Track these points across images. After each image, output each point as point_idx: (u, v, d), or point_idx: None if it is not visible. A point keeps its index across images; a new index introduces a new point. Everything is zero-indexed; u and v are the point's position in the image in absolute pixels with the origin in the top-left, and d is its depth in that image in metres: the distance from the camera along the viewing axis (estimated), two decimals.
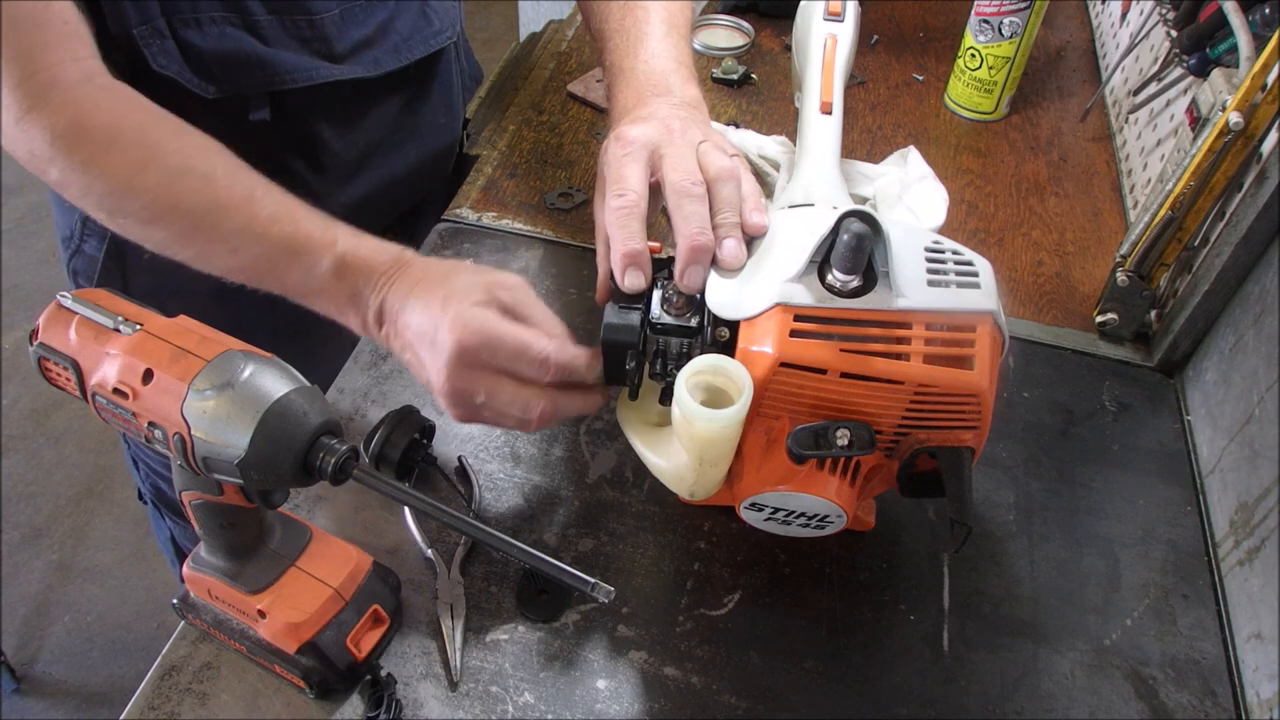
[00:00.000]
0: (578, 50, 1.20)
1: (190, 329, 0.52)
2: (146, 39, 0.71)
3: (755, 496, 0.61)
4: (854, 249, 0.54)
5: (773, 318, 0.56)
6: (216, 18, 0.73)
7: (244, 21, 0.74)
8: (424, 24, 0.85)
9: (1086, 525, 0.75)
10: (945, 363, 0.56)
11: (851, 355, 0.55)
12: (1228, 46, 0.82)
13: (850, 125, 1.13)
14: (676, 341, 0.62)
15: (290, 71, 0.77)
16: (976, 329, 0.56)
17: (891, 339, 0.55)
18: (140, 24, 0.70)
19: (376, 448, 0.70)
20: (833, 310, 0.56)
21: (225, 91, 0.75)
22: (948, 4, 1.31)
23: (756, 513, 0.63)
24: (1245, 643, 0.67)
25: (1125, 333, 0.88)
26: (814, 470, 0.59)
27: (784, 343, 0.55)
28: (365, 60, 0.81)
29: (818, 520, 0.62)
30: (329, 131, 0.82)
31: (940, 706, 0.64)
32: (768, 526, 0.64)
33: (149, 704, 0.62)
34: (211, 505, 0.57)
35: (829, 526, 0.63)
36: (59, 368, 0.53)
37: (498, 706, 0.62)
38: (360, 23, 0.80)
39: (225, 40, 0.73)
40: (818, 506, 0.61)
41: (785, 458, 0.58)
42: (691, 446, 0.57)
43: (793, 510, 0.62)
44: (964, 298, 0.57)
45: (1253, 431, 0.72)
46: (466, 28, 0.97)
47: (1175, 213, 0.79)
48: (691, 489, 0.62)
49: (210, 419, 0.49)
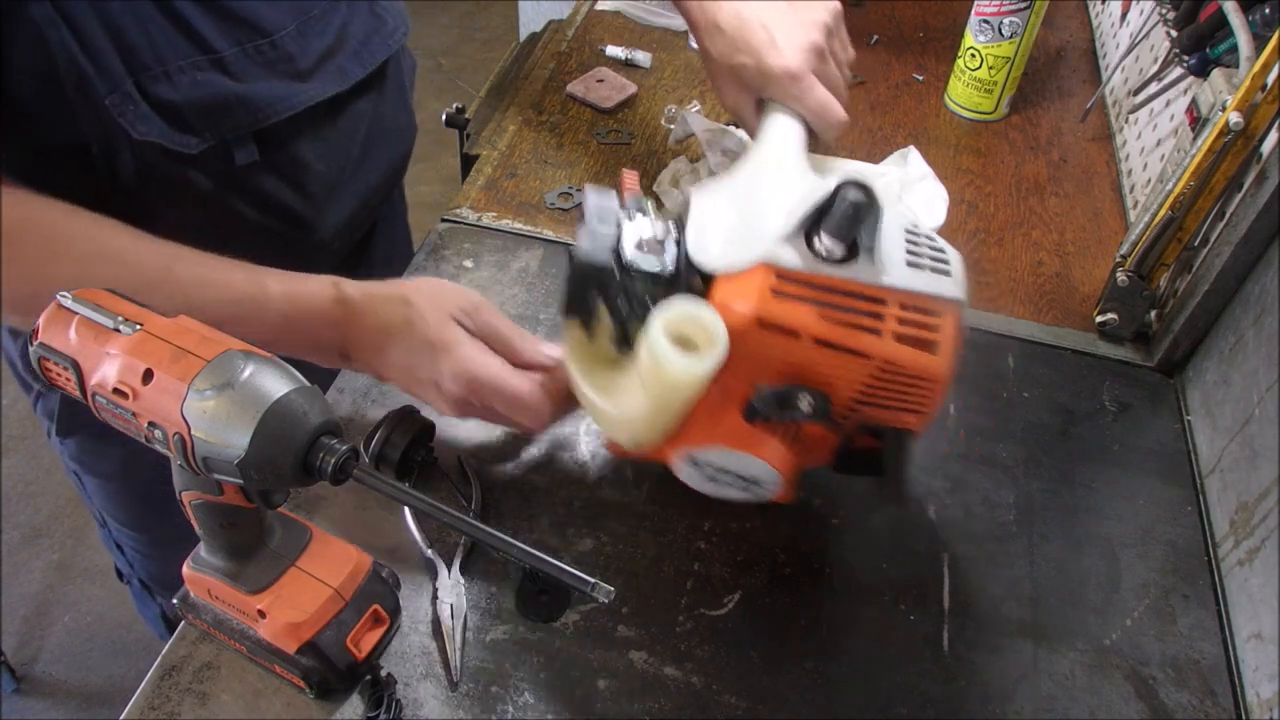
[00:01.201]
0: (578, 50, 1.20)
1: (190, 329, 0.52)
2: (120, 107, 0.67)
3: (697, 451, 0.60)
4: (850, 217, 0.54)
5: (755, 275, 0.55)
6: (184, 65, 0.69)
7: (210, 61, 0.71)
8: (378, 25, 0.84)
9: (1086, 525, 0.75)
10: (913, 344, 0.56)
11: (828, 323, 0.55)
12: (1228, 46, 0.82)
13: (850, 125, 1.12)
14: (643, 285, 0.59)
15: (270, 104, 0.74)
16: (945, 315, 0.57)
17: (867, 312, 0.56)
18: (110, 92, 0.66)
19: (376, 448, 0.70)
20: (817, 276, 0.55)
21: (210, 141, 0.72)
22: (948, 4, 1.31)
23: (692, 467, 0.62)
24: (1245, 643, 0.67)
25: (1125, 333, 0.88)
26: (761, 433, 0.59)
27: (765, 301, 0.54)
28: (331, 72, 0.79)
29: (751, 484, 0.62)
30: (311, 154, 0.80)
31: (940, 706, 0.64)
32: (697, 482, 0.64)
33: (149, 704, 0.62)
34: (211, 505, 0.57)
35: (759, 493, 0.63)
36: (59, 368, 0.53)
37: (498, 706, 0.62)
38: (318, 33, 0.78)
39: (199, 87, 0.70)
40: (757, 470, 0.60)
41: (736, 416, 0.57)
42: (656, 392, 0.56)
43: (730, 470, 0.61)
44: (937, 283, 0.57)
45: (1253, 431, 0.72)
46: (466, 27, 0.97)
47: (1175, 213, 0.79)
48: (638, 437, 0.61)
49: (210, 419, 0.49)
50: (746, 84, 0.76)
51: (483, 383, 0.66)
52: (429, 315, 0.66)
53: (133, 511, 0.99)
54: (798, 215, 0.56)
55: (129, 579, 1.13)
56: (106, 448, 0.92)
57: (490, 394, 0.66)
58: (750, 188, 0.63)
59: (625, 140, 1.06)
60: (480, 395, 0.66)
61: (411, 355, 0.67)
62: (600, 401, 0.62)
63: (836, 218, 0.54)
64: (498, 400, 0.66)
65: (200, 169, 0.73)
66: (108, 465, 0.94)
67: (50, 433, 0.93)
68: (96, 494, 0.98)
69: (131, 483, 0.95)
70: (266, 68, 0.74)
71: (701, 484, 0.65)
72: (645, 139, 1.07)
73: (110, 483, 0.96)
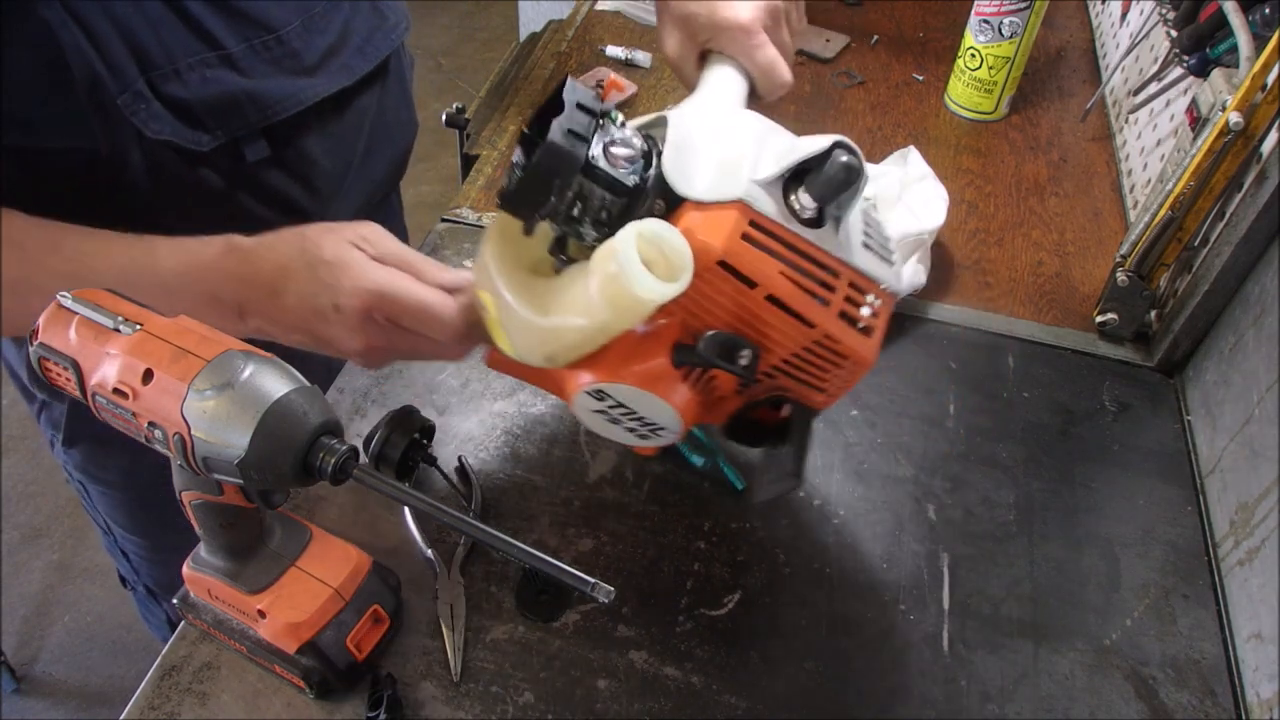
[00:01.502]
0: (578, 50, 1.20)
1: (190, 329, 0.52)
2: (132, 107, 0.67)
3: (609, 386, 0.57)
4: (839, 182, 0.52)
5: (729, 213, 0.53)
6: (194, 63, 0.69)
7: (219, 58, 0.71)
8: (379, 20, 0.84)
9: (1086, 525, 0.75)
10: (851, 323, 0.56)
11: (786, 281, 0.53)
12: (1228, 46, 0.82)
13: (850, 125, 1.13)
14: (603, 194, 0.54)
15: (279, 100, 0.75)
16: (884, 303, 0.57)
17: (822, 282, 0.55)
18: (122, 92, 0.66)
19: (376, 448, 0.70)
20: (788, 233, 0.54)
21: (221, 139, 0.72)
22: (948, 4, 1.31)
23: (595, 400, 0.59)
24: (1245, 643, 0.67)
25: (1125, 333, 0.88)
26: (679, 379, 0.57)
27: (734, 242, 0.52)
28: (336, 68, 0.80)
29: (650, 428, 0.60)
30: (318, 150, 0.81)
31: (940, 706, 0.64)
32: (592, 419, 0.61)
33: (149, 704, 0.62)
34: (211, 505, 0.57)
35: (655, 439, 0.61)
36: (59, 368, 0.53)
37: (498, 706, 0.62)
38: (322, 29, 0.78)
39: (208, 85, 0.70)
40: (662, 415, 0.58)
41: (662, 356, 0.55)
42: (608, 309, 0.52)
43: (633, 411, 0.59)
44: (883, 270, 0.57)
45: (1253, 431, 0.72)
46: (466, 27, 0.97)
47: (1175, 213, 0.79)
48: (556, 355, 0.57)
49: (210, 419, 0.49)
50: (694, 33, 0.74)
51: (385, 294, 0.62)
52: (324, 241, 0.63)
53: (137, 518, 0.99)
54: (784, 163, 0.53)
55: (134, 586, 1.13)
56: (111, 456, 0.91)
57: (394, 307, 0.62)
58: (732, 122, 0.59)
59: None
60: (384, 309, 0.62)
61: (309, 285, 0.62)
62: (520, 307, 0.57)
63: (824, 178, 0.53)
64: (404, 314, 0.62)
65: (211, 167, 0.73)
66: (112, 473, 0.94)
67: (54, 443, 0.92)
68: (101, 502, 0.98)
69: (136, 490, 0.95)
70: (273, 64, 0.74)
71: (594, 420, 0.61)
72: None
73: (115, 490, 0.96)
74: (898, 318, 0.89)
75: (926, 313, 0.91)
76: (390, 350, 0.65)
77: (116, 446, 0.56)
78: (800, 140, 0.55)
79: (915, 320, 0.90)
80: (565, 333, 0.55)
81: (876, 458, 0.78)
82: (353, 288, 0.61)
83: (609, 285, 0.51)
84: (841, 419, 0.81)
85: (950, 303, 0.92)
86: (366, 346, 0.63)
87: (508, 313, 0.58)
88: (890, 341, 0.87)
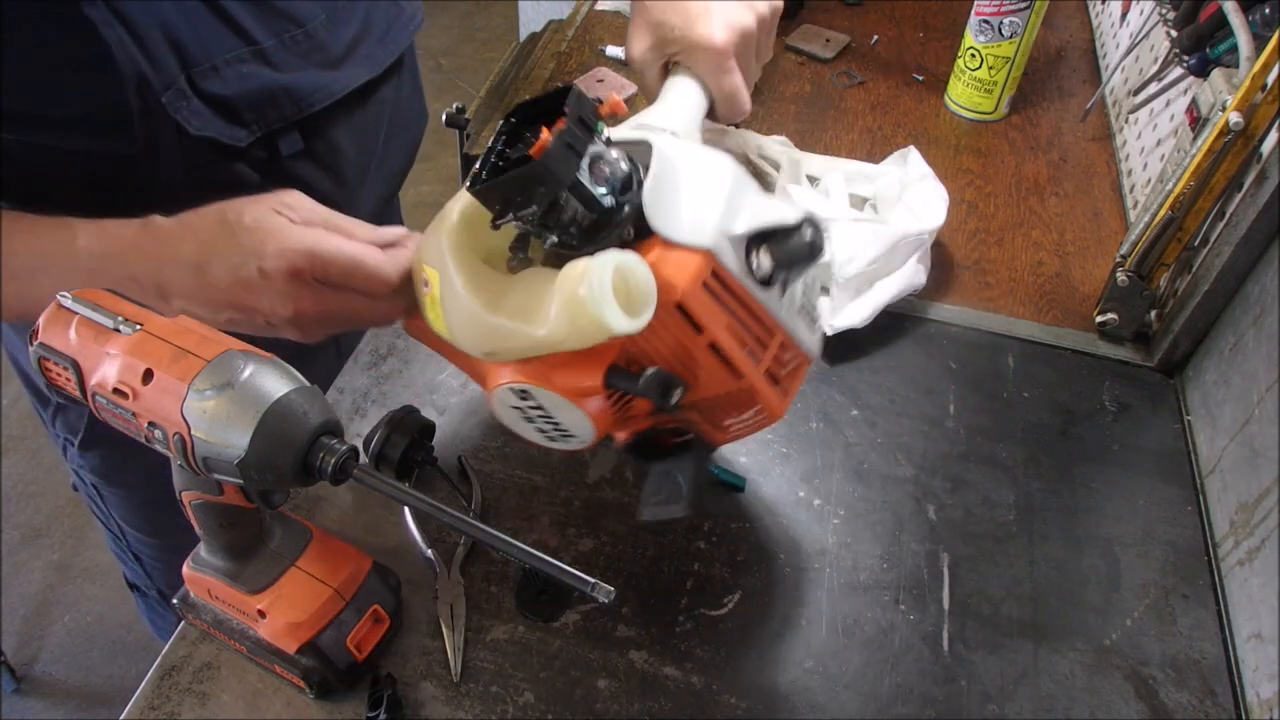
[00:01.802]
0: (578, 50, 1.20)
1: (190, 329, 0.52)
2: (175, 104, 0.68)
3: (534, 389, 0.58)
4: (802, 255, 0.54)
5: (695, 258, 0.54)
6: (230, 58, 0.70)
7: (253, 53, 0.72)
8: (397, 11, 0.86)
9: (1086, 525, 0.75)
10: (774, 380, 0.59)
11: (729, 334, 0.56)
12: (1228, 46, 0.82)
13: (850, 125, 1.13)
14: (578, 207, 0.54)
15: (311, 93, 0.76)
16: (801, 367, 0.61)
17: (759, 339, 0.57)
18: (166, 89, 0.67)
19: (376, 448, 0.70)
20: (742, 290, 0.56)
21: (258, 133, 0.74)
22: (948, 4, 1.31)
23: (516, 398, 0.59)
24: (1245, 643, 0.67)
25: (1125, 333, 0.88)
26: (601, 395, 0.58)
27: (695, 288, 0.54)
28: (360, 59, 0.81)
29: (562, 434, 0.61)
30: (346, 140, 0.82)
31: (940, 706, 0.64)
32: (508, 413, 0.61)
33: (149, 704, 0.62)
34: (211, 505, 0.57)
35: (562, 444, 0.62)
36: (59, 368, 0.53)
37: (498, 706, 0.62)
38: (345, 20, 0.79)
39: (246, 80, 0.71)
40: (579, 425, 0.59)
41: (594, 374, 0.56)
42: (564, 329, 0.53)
43: (550, 416, 0.60)
44: (810, 338, 0.60)
45: (1253, 431, 0.72)
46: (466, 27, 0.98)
47: (1175, 213, 0.79)
48: (498, 352, 0.58)
49: (210, 419, 0.49)
50: (665, 43, 0.74)
51: (313, 252, 0.60)
52: (245, 209, 0.61)
53: (156, 520, 0.99)
54: (754, 223, 0.56)
55: (145, 591, 1.12)
56: (130, 459, 0.90)
57: (323, 264, 0.60)
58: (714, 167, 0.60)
59: None
60: (313, 268, 0.60)
61: (232, 254, 0.60)
62: (469, 297, 0.57)
63: (788, 249, 0.55)
64: (333, 270, 0.60)
65: (247, 161, 0.74)
66: (131, 475, 0.93)
67: (66, 447, 0.92)
68: (117, 506, 0.98)
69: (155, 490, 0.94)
70: (303, 57, 0.75)
71: (509, 414, 0.61)
72: None
73: (133, 492, 0.96)
74: (898, 318, 0.89)
75: (926, 313, 0.91)
76: (323, 314, 0.62)
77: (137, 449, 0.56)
78: (772, 202, 0.57)
79: (915, 320, 0.90)
80: (514, 336, 0.56)
81: (876, 458, 0.78)
82: (278, 249, 0.60)
83: (574, 306, 0.52)
84: (842, 419, 0.81)
85: (950, 303, 0.92)
86: (296, 312, 0.61)
87: (453, 298, 0.58)
88: (890, 341, 0.87)
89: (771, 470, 0.77)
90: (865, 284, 0.85)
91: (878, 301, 0.84)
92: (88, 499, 1.00)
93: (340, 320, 0.64)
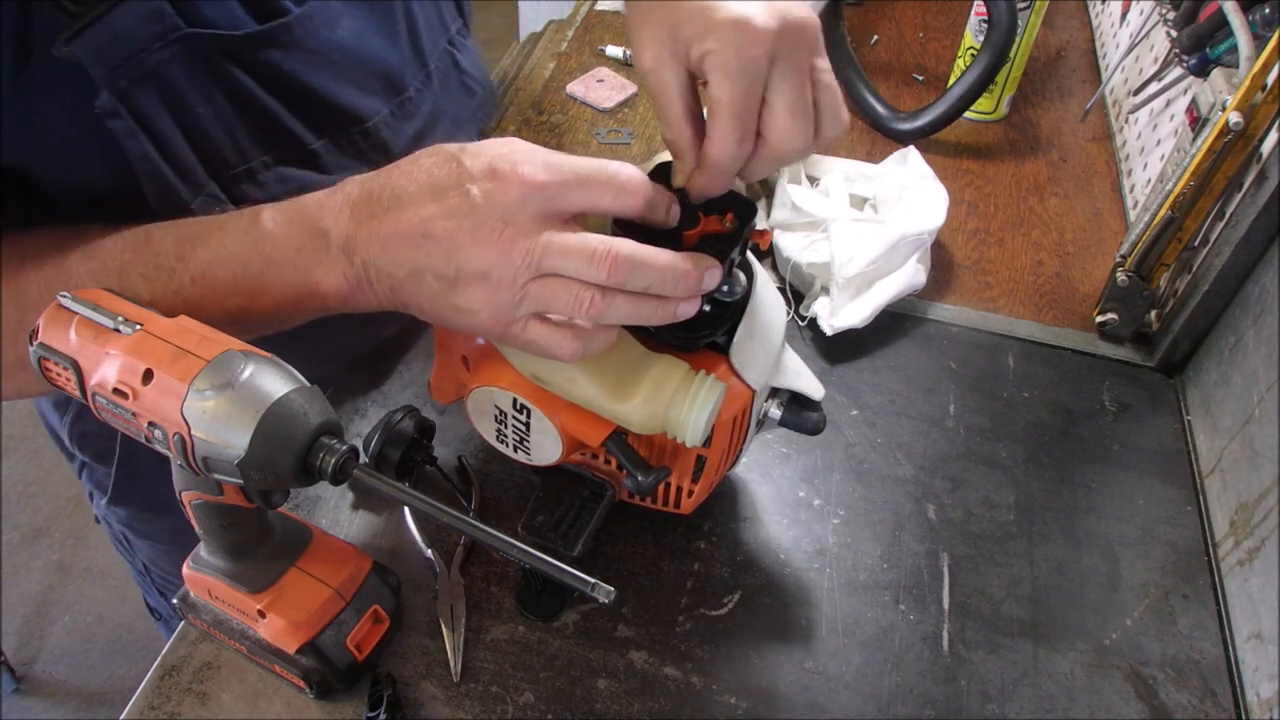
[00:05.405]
0: (578, 50, 1.20)
1: (190, 329, 0.52)
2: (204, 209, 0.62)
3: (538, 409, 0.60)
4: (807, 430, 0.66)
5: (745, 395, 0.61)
6: (268, 161, 0.64)
7: (296, 155, 0.66)
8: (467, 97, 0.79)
9: (1086, 525, 0.75)
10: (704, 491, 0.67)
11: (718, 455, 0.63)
12: (1228, 46, 0.82)
13: (850, 125, 1.12)
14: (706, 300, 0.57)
15: None
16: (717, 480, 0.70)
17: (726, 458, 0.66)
18: (194, 197, 0.61)
19: (376, 448, 0.70)
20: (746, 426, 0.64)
21: None
22: (948, 4, 1.31)
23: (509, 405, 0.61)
24: (1245, 643, 0.67)
25: (1125, 333, 0.88)
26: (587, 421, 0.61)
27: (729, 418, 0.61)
28: None
29: (524, 449, 0.64)
30: None
31: (940, 706, 0.64)
32: (485, 411, 0.63)
33: (149, 704, 0.62)
34: (211, 505, 0.57)
35: (518, 455, 0.65)
36: (59, 368, 0.53)
37: (498, 706, 0.62)
38: (409, 115, 0.72)
39: (286, 182, 0.65)
40: (548, 451, 0.63)
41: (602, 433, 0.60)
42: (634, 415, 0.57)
43: (526, 432, 0.63)
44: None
45: (1253, 431, 0.72)
46: None
47: (1175, 213, 0.79)
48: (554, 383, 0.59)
49: (210, 419, 0.49)
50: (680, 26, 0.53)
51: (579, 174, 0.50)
52: (477, 144, 0.52)
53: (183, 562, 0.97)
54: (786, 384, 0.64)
55: (166, 619, 1.09)
56: (160, 517, 0.87)
57: (584, 178, 0.50)
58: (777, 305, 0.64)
59: (625, 141, 1.06)
60: (573, 180, 0.50)
61: (464, 183, 0.51)
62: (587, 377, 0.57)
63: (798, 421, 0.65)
64: (605, 189, 0.50)
65: None
66: (160, 532, 0.90)
67: (95, 499, 0.89)
68: (144, 552, 0.95)
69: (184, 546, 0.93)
70: (358, 157, 0.69)
71: (484, 412, 0.64)
72: (645, 139, 1.07)
73: (162, 545, 0.93)
74: (898, 318, 0.89)
75: (926, 313, 0.91)
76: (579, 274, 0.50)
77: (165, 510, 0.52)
78: (804, 370, 0.65)
79: (915, 320, 0.90)
80: (581, 386, 0.58)
81: (876, 458, 0.78)
82: (545, 161, 0.50)
83: (671, 413, 0.57)
84: (842, 419, 0.81)
85: (950, 303, 0.92)
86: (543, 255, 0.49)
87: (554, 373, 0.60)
88: (890, 341, 0.87)
89: (771, 470, 0.77)
90: (865, 284, 0.85)
91: (878, 301, 0.84)
92: (112, 538, 0.97)
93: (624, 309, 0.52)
